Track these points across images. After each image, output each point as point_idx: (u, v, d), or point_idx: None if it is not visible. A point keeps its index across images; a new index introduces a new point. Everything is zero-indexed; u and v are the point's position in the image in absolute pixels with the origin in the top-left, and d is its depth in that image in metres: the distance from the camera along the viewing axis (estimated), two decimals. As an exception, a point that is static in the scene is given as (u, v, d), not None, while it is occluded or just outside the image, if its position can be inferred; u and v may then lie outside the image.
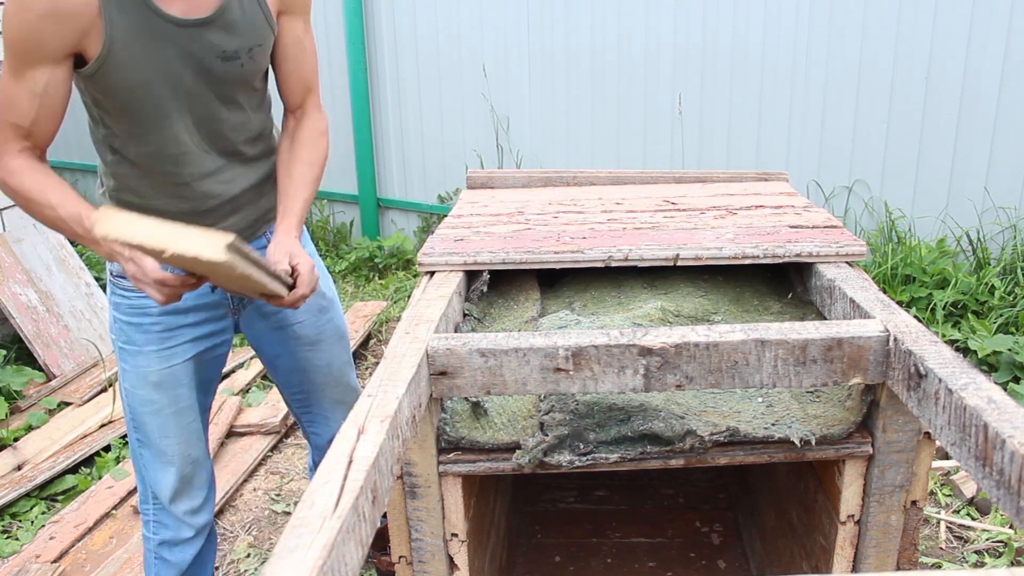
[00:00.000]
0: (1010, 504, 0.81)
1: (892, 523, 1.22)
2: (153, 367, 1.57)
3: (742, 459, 1.21)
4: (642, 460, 1.20)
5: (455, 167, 4.68)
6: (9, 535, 2.49)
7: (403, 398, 0.99)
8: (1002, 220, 3.52)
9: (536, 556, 2.06)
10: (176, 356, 1.59)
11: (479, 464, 1.20)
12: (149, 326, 1.56)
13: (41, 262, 3.59)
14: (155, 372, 1.58)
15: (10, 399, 3.13)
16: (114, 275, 1.56)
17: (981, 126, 3.48)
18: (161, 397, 1.59)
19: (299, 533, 0.71)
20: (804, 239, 1.52)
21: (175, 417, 1.61)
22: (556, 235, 1.61)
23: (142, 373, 1.58)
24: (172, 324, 1.57)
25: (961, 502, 2.46)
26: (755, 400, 1.26)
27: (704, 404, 1.25)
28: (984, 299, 3.34)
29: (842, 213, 3.82)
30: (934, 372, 0.99)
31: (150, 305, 1.54)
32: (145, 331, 1.57)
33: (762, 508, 1.87)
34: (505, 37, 4.37)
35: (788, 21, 3.73)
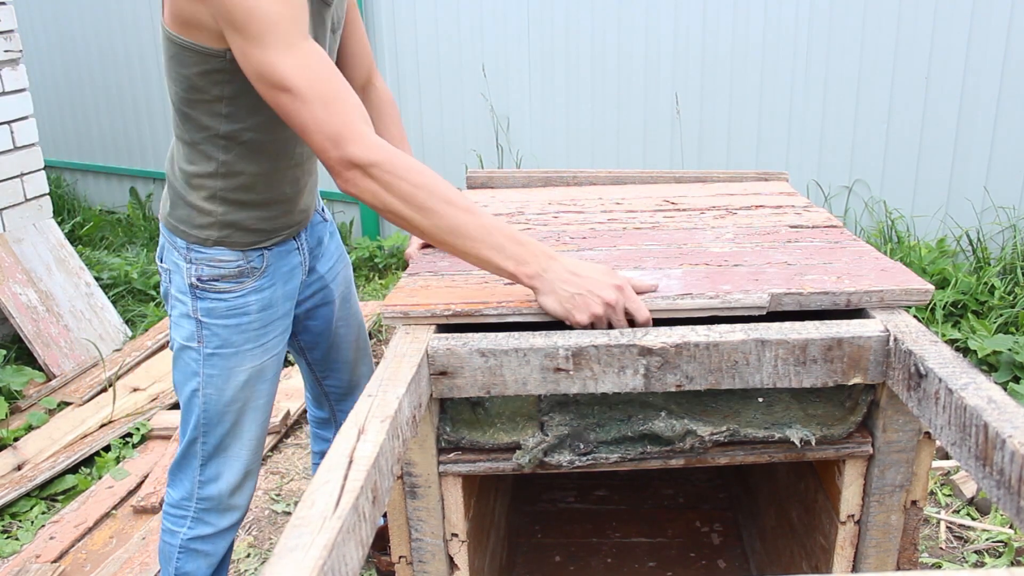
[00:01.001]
0: (1010, 504, 0.81)
1: (892, 523, 1.22)
2: (246, 364, 1.57)
3: (742, 459, 1.21)
4: (642, 460, 1.20)
5: (455, 167, 4.68)
6: (9, 535, 2.49)
7: (403, 398, 0.99)
8: (1002, 220, 3.52)
9: (536, 556, 2.06)
10: (270, 350, 1.61)
11: (479, 464, 1.20)
12: (247, 324, 1.56)
13: (41, 262, 3.59)
14: (247, 369, 1.58)
15: (10, 399, 3.13)
16: (204, 281, 1.53)
17: (981, 126, 3.49)
18: (248, 393, 1.60)
19: (299, 533, 0.71)
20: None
21: (255, 412, 1.62)
22: (556, 235, 1.62)
23: (234, 372, 1.57)
24: (267, 318, 1.59)
25: (961, 502, 2.46)
26: (755, 400, 1.26)
27: (704, 404, 1.25)
28: (984, 299, 3.34)
29: (842, 213, 3.82)
30: (934, 372, 0.99)
31: (249, 303, 1.55)
32: (243, 330, 1.56)
33: (762, 508, 1.87)
34: (505, 37, 4.37)
35: (788, 21, 3.73)
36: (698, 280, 1.28)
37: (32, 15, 5.42)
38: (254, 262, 1.55)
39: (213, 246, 1.52)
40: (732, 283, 1.26)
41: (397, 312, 1.22)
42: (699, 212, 1.77)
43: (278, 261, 1.60)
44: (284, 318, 1.64)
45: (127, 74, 5.47)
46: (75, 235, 4.80)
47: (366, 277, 4.64)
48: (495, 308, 1.21)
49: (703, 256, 1.43)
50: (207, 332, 1.56)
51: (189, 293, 1.54)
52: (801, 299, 1.21)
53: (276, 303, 1.60)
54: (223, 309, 1.55)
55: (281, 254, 1.61)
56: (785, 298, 1.22)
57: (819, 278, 1.28)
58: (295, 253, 1.65)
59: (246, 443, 1.63)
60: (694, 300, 1.21)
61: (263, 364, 1.60)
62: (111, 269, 4.21)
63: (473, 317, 1.21)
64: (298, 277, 1.67)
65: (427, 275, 1.41)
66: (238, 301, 1.55)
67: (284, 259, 1.62)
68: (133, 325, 3.85)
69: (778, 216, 1.71)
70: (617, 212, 1.79)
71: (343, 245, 1.89)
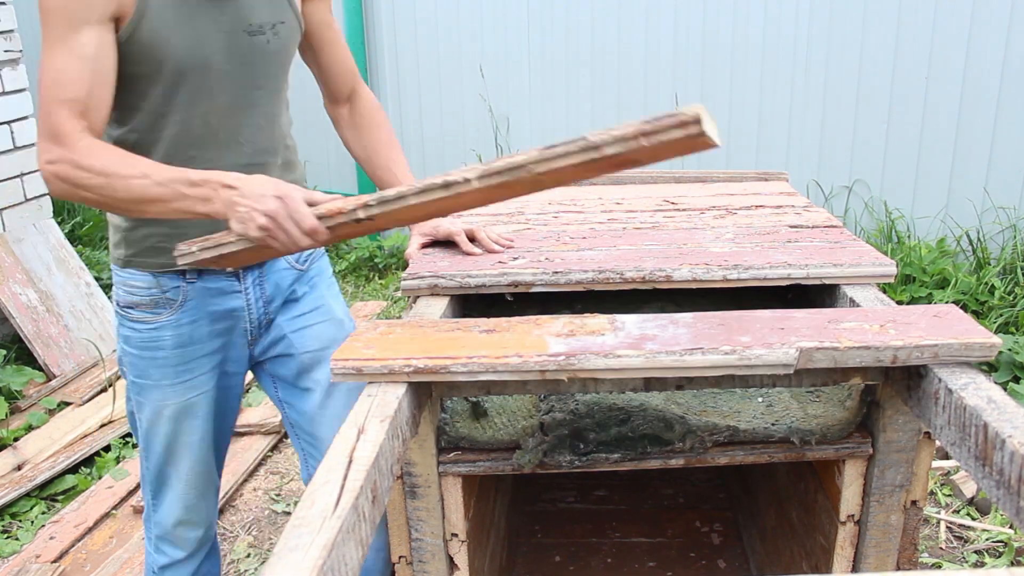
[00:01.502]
0: (1010, 504, 0.81)
1: (892, 523, 1.22)
2: (169, 400, 1.50)
3: (742, 459, 1.21)
4: (642, 460, 1.20)
5: (455, 167, 4.67)
6: (9, 535, 2.49)
7: (403, 398, 0.99)
8: (1002, 220, 3.52)
9: (536, 556, 2.06)
10: (196, 387, 1.51)
11: (479, 464, 1.20)
12: (163, 359, 1.48)
13: (41, 262, 3.59)
14: (171, 405, 1.51)
15: (10, 399, 3.13)
16: (121, 306, 1.49)
17: (981, 126, 3.48)
18: (176, 429, 1.53)
19: (299, 533, 0.71)
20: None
21: (189, 449, 1.55)
22: (556, 235, 1.62)
23: (157, 408, 1.51)
24: (188, 355, 1.49)
25: (961, 502, 2.46)
26: (755, 400, 1.26)
27: (704, 404, 1.25)
28: (984, 299, 3.34)
29: (842, 213, 3.82)
30: (934, 372, 0.99)
31: (164, 338, 1.47)
32: (159, 365, 1.48)
33: (762, 508, 1.87)
34: (505, 37, 4.37)
35: (788, 21, 3.73)
36: (711, 328, 1.08)
37: (32, 15, 5.41)
38: (169, 293, 1.45)
39: (125, 267, 1.46)
40: (752, 332, 1.06)
41: (349, 368, 1.04)
42: (699, 212, 1.77)
43: (203, 298, 1.47)
44: (213, 356, 1.52)
45: (127, 74, 5.46)
46: (75, 235, 4.80)
47: (366, 277, 4.64)
48: (464, 364, 1.03)
49: (703, 256, 1.43)
50: (127, 359, 1.51)
51: (116, 317, 1.52)
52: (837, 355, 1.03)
53: (199, 340, 1.49)
54: (136, 340, 1.48)
55: (209, 292, 1.48)
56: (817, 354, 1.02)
57: (857, 326, 1.08)
58: (235, 296, 1.50)
59: (183, 478, 1.56)
60: (705, 356, 1.02)
61: (189, 401, 1.51)
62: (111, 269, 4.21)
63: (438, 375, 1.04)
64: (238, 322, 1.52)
65: (396, 323, 1.40)
66: (152, 334, 1.47)
67: (213, 299, 1.48)
68: (133, 325, 3.85)
69: (778, 216, 1.71)
70: (617, 212, 1.79)
71: (334, 304, 1.65)
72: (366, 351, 1.06)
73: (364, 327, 1.15)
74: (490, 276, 1.38)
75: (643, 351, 1.02)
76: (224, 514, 2.58)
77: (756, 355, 1.01)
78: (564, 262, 1.43)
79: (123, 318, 1.49)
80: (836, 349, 1.02)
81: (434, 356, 1.04)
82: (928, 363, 1.01)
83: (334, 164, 4.95)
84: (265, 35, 1.42)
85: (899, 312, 1.12)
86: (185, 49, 1.32)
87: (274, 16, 1.43)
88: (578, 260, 1.43)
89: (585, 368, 1.02)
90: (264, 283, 1.53)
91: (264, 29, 1.41)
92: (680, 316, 1.13)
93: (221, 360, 1.54)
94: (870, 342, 1.02)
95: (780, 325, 1.08)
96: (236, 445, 2.90)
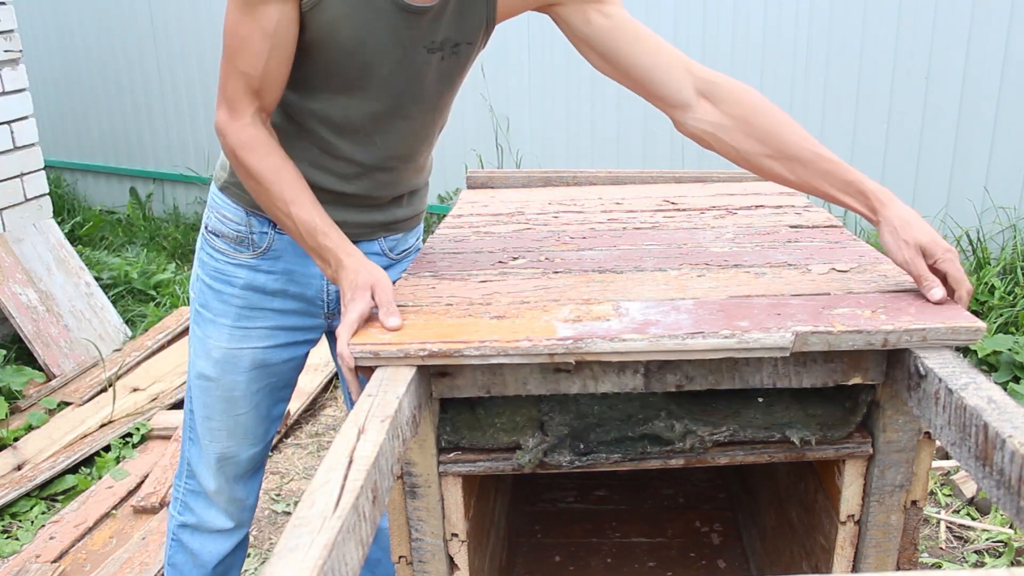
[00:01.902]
0: (1010, 504, 0.81)
1: (892, 523, 1.22)
2: (221, 342, 1.45)
3: (742, 459, 1.21)
4: (642, 460, 1.20)
5: (455, 167, 4.68)
6: (9, 535, 2.49)
7: (403, 398, 0.99)
8: (1002, 220, 3.52)
9: (536, 556, 2.06)
10: (247, 339, 1.45)
11: (479, 464, 1.20)
12: (229, 296, 1.44)
13: (41, 262, 3.59)
14: (220, 348, 1.45)
15: (10, 399, 3.13)
16: (208, 230, 1.46)
17: (981, 126, 3.49)
18: (217, 377, 1.47)
19: (299, 533, 0.71)
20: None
21: (224, 403, 1.48)
22: (556, 235, 1.62)
23: (208, 345, 1.46)
24: (254, 303, 1.44)
25: (961, 502, 2.46)
26: (755, 400, 1.26)
27: (704, 404, 1.25)
28: (984, 299, 3.34)
29: (842, 213, 3.82)
30: (934, 372, 0.99)
31: (237, 275, 1.43)
32: (224, 300, 1.44)
33: (762, 508, 1.87)
34: (505, 37, 4.36)
35: (788, 22, 3.73)
36: (711, 315, 1.13)
37: (32, 15, 5.42)
38: (256, 235, 1.43)
39: (223, 191, 1.44)
40: (750, 317, 1.11)
41: (367, 352, 1.08)
42: (699, 212, 1.77)
43: (288, 255, 1.44)
44: (281, 315, 1.47)
45: (127, 74, 5.47)
46: (75, 235, 4.80)
47: (366, 277, 4.64)
48: (476, 347, 1.07)
49: (703, 256, 1.43)
50: (199, 285, 1.48)
51: (201, 237, 1.49)
52: (831, 339, 1.07)
53: (271, 292, 1.45)
54: (211, 267, 1.45)
55: (295, 250, 1.43)
56: (812, 337, 1.06)
57: (850, 311, 1.11)
58: None
59: (216, 433, 1.50)
60: (706, 340, 1.06)
61: (239, 351, 1.45)
62: (111, 269, 4.21)
63: (452, 358, 1.08)
64: (314, 291, 1.49)
65: (411, 298, 1.40)
66: (227, 267, 1.44)
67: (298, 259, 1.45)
68: (133, 325, 3.85)
69: (778, 216, 1.71)
70: (617, 212, 1.79)
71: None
72: (382, 336, 1.12)
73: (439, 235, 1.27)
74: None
75: (647, 335, 1.07)
76: (224, 514, 2.58)
77: (754, 339, 1.06)
78: (564, 262, 1.43)
79: (205, 241, 1.46)
80: (830, 333, 1.06)
81: (447, 340, 1.08)
82: (917, 346, 1.05)
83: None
84: (442, 52, 1.31)
85: (889, 299, 1.17)
86: (350, 48, 1.25)
87: (462, 36, 1.32)
88: (578, 260, 1.43)
89: (592, 351, 1.07)
90: None
91: (444, 46, 1.31)
92: (682, 302, 1.19)
93: (288, 324, 1.48)
94: (862, 326, 1.07)
95: (777, 311, 1.14)
96: (236, 445, 2.90)
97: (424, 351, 1.07)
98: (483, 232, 1.66)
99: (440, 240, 1.61)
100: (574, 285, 1.29)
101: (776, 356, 1.08)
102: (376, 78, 1.30)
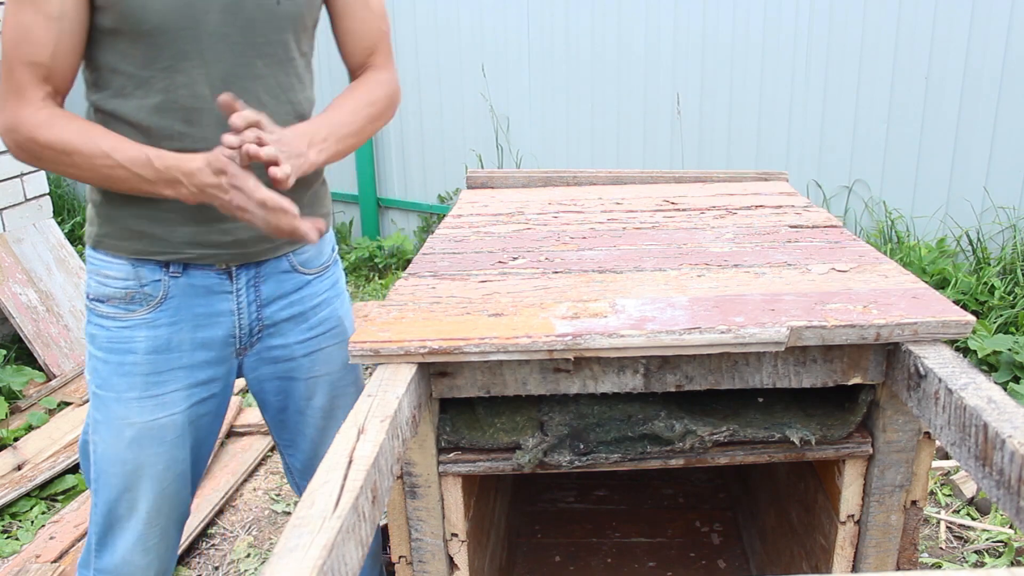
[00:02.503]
0: (1010, 504, 0.81)
1: (892, 523, 1.22)
2: (133, 418, 1.28)
3: (742, 459, 1.21)
4: (642, 460, 1.20)
5: (455, 167, 4.68)
6: (9, 535, 2.49)
7: (403, 398, 0.99)
8: (1002, 220, 3.52)
9: (536, 556, 2.06)
10: (164, 407, 1.30)
11: (479, 464, 1.20)
12: (131, 366, 1.27)
13: (41, 262, 3.59)
14: (135, 426, 1.28)
15: (10, 399, 3.13)
16: (91, 298, 1.29)
17: (981, 126, 3.48)
18: (138, 455, 1.29)
19: (299, 533, 0.71)
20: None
21: (152, 481, 1.31)
22: (556, 235, 1.62)
23: (118, 426, 1.28)
24: (161, 365, 1.28)
25: (961, 502, 2.46)
26: (755, 400, 1.26)
27: (704, 404, 1.25)
28: (984, 299, 3.34)
29: (842, 213, 3.82)
30: (934, 372, 0.99)
31: (136, 339, 1.27)
32: (126, 372, 1.27)
33: (762, 508, 1.87)
34: (505, 37, 4.37)
35: (788, 21, 3.73)
36: (707, 311, 1.14)
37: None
38: (148, 286, 1.27)
39: (97, 247, 1.28)
40: (745, 313, 1.12)
41: (367, 350, 1.08)
42: (699, 212, 1.77)
43: (187, 297, 1.29)
44: (192, 370, 1.31)
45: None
46: (75, 235, 4.80)
47: (366, 277, 4.64)
48: (476, 344, 1.08)
49: (703, 256, 1.43)
50: (91, 364, 1.31)
51: (86, 311, 1.32)
52: (824, 333, 1.08)
53: (177, 348, 1.29)
54: (104, 339, 1.28)
55: (195, 290, 1.29)
56: (807, 332, 1.08)
57: (843, 307, 1.14)
58: (224, 297, 1.32)
59: (143, 516, 1.32)
60: (703, 335, 1.08)
61: (157, 422, 1.29)
62: (111, 269, 4.21)
63: (452, 355, 1.08)
64: (224, 329, 1.33)
65: (411, 298, 1.40)
66: (121, 333, 1.27)
67: (199, 299, 1.30)
68: (133, 325, 3.85)
69: (778, 216, 1.71)
70: (617, 212, 1.79)
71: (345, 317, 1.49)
72: (381, 334, 1.12)
73: (377, 312, 1.21)
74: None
75: (644, 331, 1.08)
76: (224, 514, 2.58)
77: (750, 333, 1.08)
78: (564, 262, 1.43)
79: (91, 312, 1.30)
80: (824, 327, 1.09)
81: (447, 338, 1.09)
82: (909, 339, 1.08)
83: (334, 164, 4.95)
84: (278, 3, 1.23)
85: (881, 294, 1.20)
86: (169, 5, 1.15)
87: None
88: (578, 260, 1.43)
89: (591, 347, 1.07)
90: (260, 284, 1.35)
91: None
92: (677, 299, 1.21)
93: (202, 376, 1.33)
94: (855, 321, 1.09)
95: (771, 307, 1.16)
96: (236, 445, 2.90)
97: (424, 348, 1.08)
98: (483, 232, 1.66)
99: (440, 240, 1.61)
100: (574, 285, 1.29)
101: (771, 350, 1.09)
102: (208, 34, 1.19)
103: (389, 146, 4.90)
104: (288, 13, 1.25)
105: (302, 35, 1.30)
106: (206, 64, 1.20)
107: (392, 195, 4.98)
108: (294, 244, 1.38)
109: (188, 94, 1.20)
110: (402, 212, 4.99)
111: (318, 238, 1.15)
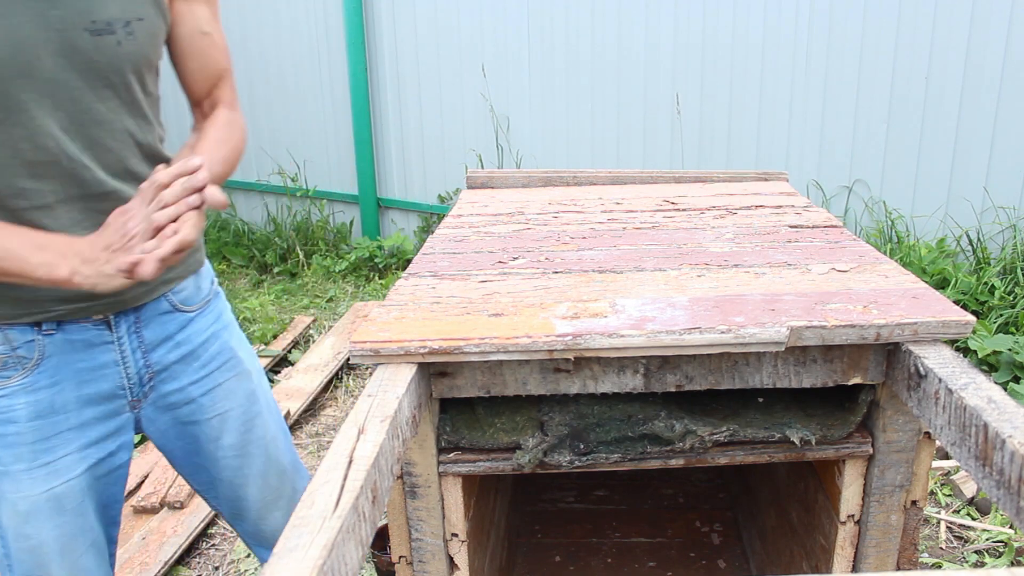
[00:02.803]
0: (1010, 504, 0.81)
1: (892, 523, 1.22)
2: (25, 491, 1.18)
3: (742, 459, 1.21)
4: (642, 460, 1.20)
5: (455, 167, 4.69)
6: None
7: (403, 398, 0.99)
8: (1002, 220, 3.52)
9: (536, 556, 2.06)
10: (58, 474, 1.20)
11: (479, 464, 1.20)
12: (15, 436, 1.17)
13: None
14: (29, 498, 1.18)
15: None
16: None
17: (981, 126, 3.49)
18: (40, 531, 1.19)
19: (299, 533, 0.71)
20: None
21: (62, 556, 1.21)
22: (556, 235, 1.62)
23: (12, 501, 1.18)
24: (48, 431, 1.19)
25: (961, 502, 2.46)
26: (755, 400, 1.26)
27: (704, 404, 1.25)
28: (984, 299, 3.34)
29: (842, 213, 3.82)
30: (934, 372, 0.99)
31: (15, 408, 1.18)
32: (11, 444, 1.18)
33: (762, 508, 1.87)
34: (505, 37, 4.37)
35: (788, 21, 3.73)
36: (707, 311, 1.14)
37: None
38: (21, 349, 1.18)
39: None
40: (745, 313, 1.13)
41: (367, 350, 1.08)
42: (699, 212, 1.77)
43: (65, 354, 1.21)
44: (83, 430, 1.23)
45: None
46: None
47: (366, 277, 4.64)
48: (476, 344, 1.08)
49: (703, 256, 1.43)
50: None
51: None
52: (824, 333, 1.08)
53: (62, 410, 1.21)
54: None
55: (73, 346, 1.21)
56: (807, 332, 1.08)
57: (843, 307, 1.13)
58: (106, 348, 1.24)
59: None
60: (703, 335, 1.08)
61: (52, 492, 1.20)
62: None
63: (452, 355, 1.08)
64: (111, 381, 1.26)
65: (411, 298, 1.41)
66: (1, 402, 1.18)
67: (79, 353, 1.22)
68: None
69: (778, 216, 1.71)
70: (617, 212, 1.79)
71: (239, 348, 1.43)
72: (381, 334, 1.11)
73: (377, 312, 1.20)
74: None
75: (644, 331, 1.08)
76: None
77: (750, 333, 1.07)
78: (564, 262, 1.43)
79: None
80: (824, 327, 1.08)
81: (447, 337, 1.09)
82: (909, 339, 1.08)
83: (334, 164, 4.96)
84: (116, 35, 1.15)
85: (881, 294, 1.20)
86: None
87: (127, 12, 1.17)
88: (578, 260, 1.43)
89: (591, 347, 1.07)
90: (141, 329, 1.28)
91: (114, 27, 1.15)
92: (677, 299, 1.21)
93: (94, 435, 1.25)
94: (855, 321, 1.09)
95: (771, 307, 1.16)
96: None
97: (424, 348, 1.08)
98: (483, 232, 1.66)
99: (440, 240, 1.61)
100: (574, 285, 1.29)
101: (771, 351, 1.09)
102: (43, 81, 1.11)
103: (389, 146, 4.90)
104: (129, 54, 1.18)
105: (146, 75, 1.24)
106: (44, 113, 1.12)
107: (392, 195, 4.98)
108: (169, 284, 1.32)
109: (30, 147, 1.12)
110: (402, 212, 5.00)
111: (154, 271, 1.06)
